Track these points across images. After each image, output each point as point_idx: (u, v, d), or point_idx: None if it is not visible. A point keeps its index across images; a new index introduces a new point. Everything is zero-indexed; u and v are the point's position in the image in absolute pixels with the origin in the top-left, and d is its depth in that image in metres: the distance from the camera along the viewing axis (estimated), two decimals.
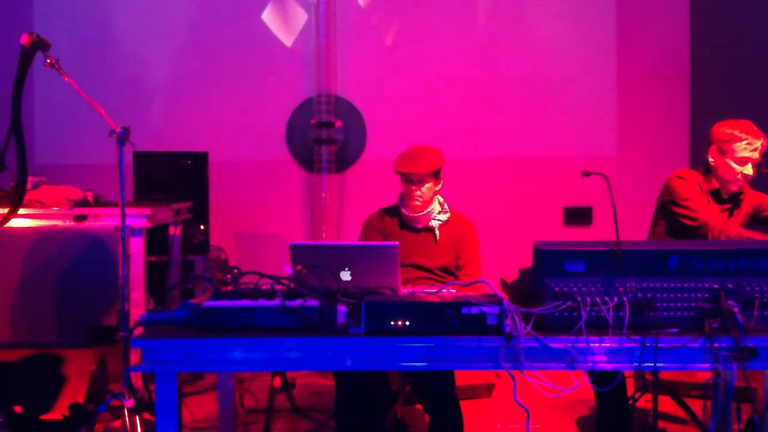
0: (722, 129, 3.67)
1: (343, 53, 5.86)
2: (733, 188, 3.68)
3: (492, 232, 5.52)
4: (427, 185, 3.59)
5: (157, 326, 2.63)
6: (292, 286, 2.69)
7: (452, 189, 4.63)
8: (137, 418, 3.29)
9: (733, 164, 3.62)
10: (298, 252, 2.88)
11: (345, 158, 5.90)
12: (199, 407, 4.22)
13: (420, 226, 3.68)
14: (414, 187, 3.59)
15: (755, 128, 3.64)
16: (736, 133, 3.62)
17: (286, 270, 2.71)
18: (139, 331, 2.64)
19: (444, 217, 3.68)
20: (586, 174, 2.90)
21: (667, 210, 3.72)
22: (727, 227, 3.57)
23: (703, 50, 5.95)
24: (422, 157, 3.60)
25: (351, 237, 5.45)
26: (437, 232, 3.66)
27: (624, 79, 5.94)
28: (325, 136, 5.82)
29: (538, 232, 5.16)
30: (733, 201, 3.71)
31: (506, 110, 5.95)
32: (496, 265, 3.37)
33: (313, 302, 2.59)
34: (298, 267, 2.69)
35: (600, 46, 5.92)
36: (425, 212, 3.64)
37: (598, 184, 2.79)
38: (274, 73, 5.91)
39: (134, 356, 3.52)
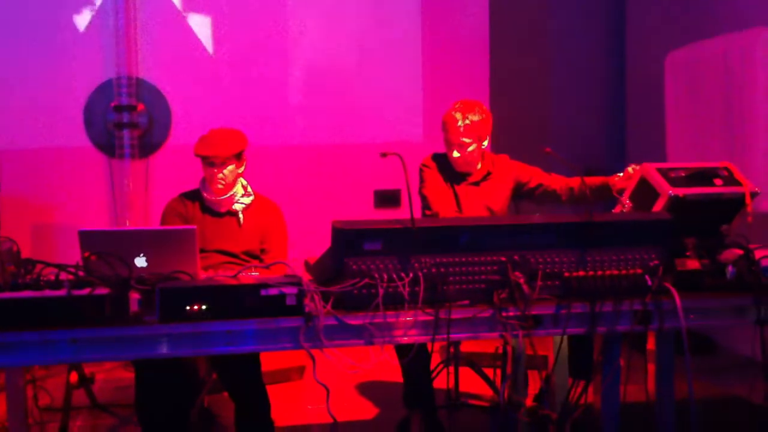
0: (444, 114, 3.66)
1: (145, 33, 5.62)
2: (458, 168, 3.67)
3: (303, 216, 5.53)
4: (230, 168, 3.52)
5: None
6: (80, 274, 2.55)
7: (262, 174, 4.58)
8: None
9: (448, 147, 3.64)
10: (88, 239, 2.73)
11: (149, 143, 5.67)
12: None
13: (223, 210, 3.60)
14: (216, 170, 3.51)
15: (468, 107, 3.60)
16: (447, 116, 3.61)
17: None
18: None
19: (247, 200, 3.63)
20: (383, 155, 2.95)
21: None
22: (465, 213, 3.60)
23: (502, 40, 6.25)
24: (223, 140, 3.52)
25: (157, 225, 5.27)
26: (241, 215, 3.60)
27: (428, 69, 6.09)
28: (126, 120, 5.57)
29: (349, 216, 5.20)
30: (479, 175, 3.69)
31: (317, 96, 5.94)
32: (308, 249, 3.37)
33: (103, 291, 2.47)
34: (86, 254, 2.55)
35: (407, 45, 6.04)
36: (228, 195, 3.57)
37: (407, 169, 2.83)
38: (68, 53, 5.56)
39: None
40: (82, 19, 5.58)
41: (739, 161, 3.65)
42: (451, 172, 3.70)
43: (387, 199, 6.08)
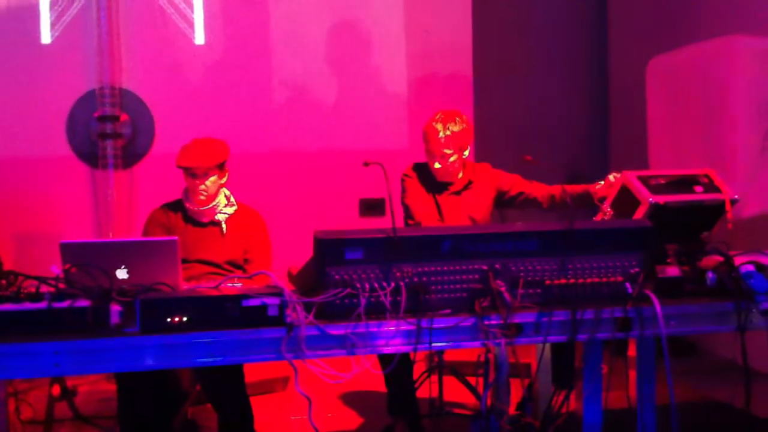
0: (424, 125, 3.65)
1: (127, 43, 5.60)
2: (439, 179, 3.67)
3: (288, 226, 5.51)
4: (212, 178, 3.52)
5: None
6: (61, 286, 2.54)
7: (246, 184, 4.57)
8: None
9: (429, 157, 3.64)
10: (69, 251, 2.71)
11: (133, 153, 5.65)
12: None
13: (206, 220, 3.59)
14: (198, 181, 3.50)
15: (449, 118, 3.59)
16: (427, 127, 3.61)
17: (53, 270, 2.56)
18: None
19: (230, 210, 3.62)
20: (366, 164, 2.96)
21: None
22: (447, 222, 3.60)
23: (485, 47, 6.28)
24: (204, 150, 3.52)
25: (140, 236, 5.24)
26: (224, 225, 3.59)
27: (413, 77, 6.11)
28: (109, 130, 5.54)
29: (334, 225, 5.21)
30: (461, 185, 3.69)
31: (301, 105, 5.95)
32: (293, 258, 3.37)
33: (84, 303, 2.46)
34: (67, 266, 2.54)
35: (391, 52, 6.06)
36: (210, 206, 3.56)
37: (391, 177, 2.85)
38: (51, 63, 5.54)
39: None
40: (65, 29, 5.55)
41: (720, 167, 3.68)
42: (432, 182, 3.71)
43: (372, 207, 6.08)
